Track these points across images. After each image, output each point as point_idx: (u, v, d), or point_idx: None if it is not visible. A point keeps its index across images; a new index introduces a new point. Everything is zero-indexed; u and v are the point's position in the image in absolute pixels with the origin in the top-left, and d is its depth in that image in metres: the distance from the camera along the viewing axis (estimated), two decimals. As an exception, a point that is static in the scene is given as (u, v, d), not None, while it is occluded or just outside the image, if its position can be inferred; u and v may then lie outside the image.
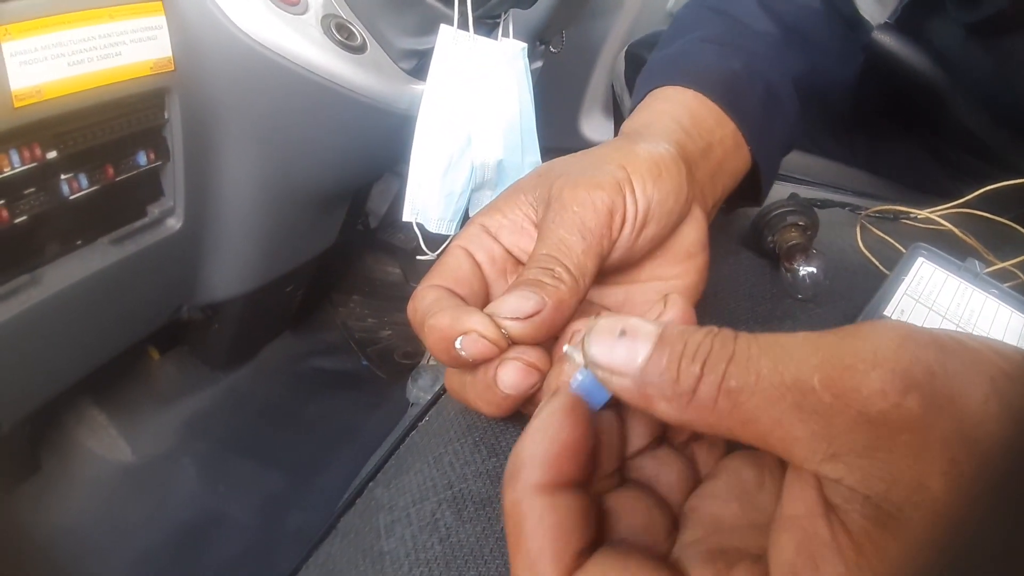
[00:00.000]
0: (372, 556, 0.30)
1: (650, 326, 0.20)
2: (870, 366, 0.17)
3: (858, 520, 0.17)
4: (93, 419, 1.00)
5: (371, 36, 0.77)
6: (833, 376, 0.17)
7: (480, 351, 0.25)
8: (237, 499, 1.00)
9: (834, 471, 0.17)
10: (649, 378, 0.19)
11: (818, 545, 0.17)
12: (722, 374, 0.18)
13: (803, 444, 0.17)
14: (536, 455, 0.20)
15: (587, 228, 0.28)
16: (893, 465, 0.16)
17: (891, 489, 0.16)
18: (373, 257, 1.46)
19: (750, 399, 0.18)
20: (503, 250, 0.31)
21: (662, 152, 0.31)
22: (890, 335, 0.18)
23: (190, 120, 0.71)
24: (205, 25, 0.67)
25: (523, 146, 0.79)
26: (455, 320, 0.26)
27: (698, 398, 0.18)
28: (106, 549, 0.90)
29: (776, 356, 0.18)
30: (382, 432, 1.07)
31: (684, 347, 0.19)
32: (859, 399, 0.17)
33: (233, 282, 0.95)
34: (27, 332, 0.66)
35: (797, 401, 0.17)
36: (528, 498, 0.19)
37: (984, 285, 0.48)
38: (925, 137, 0.78)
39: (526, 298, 0.26)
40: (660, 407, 0.19)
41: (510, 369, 0.25)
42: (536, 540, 0.19)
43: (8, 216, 0.59)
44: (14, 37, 0.53)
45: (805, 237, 0.51)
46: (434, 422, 0.38)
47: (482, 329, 0.25)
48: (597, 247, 0.28)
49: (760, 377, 0.18)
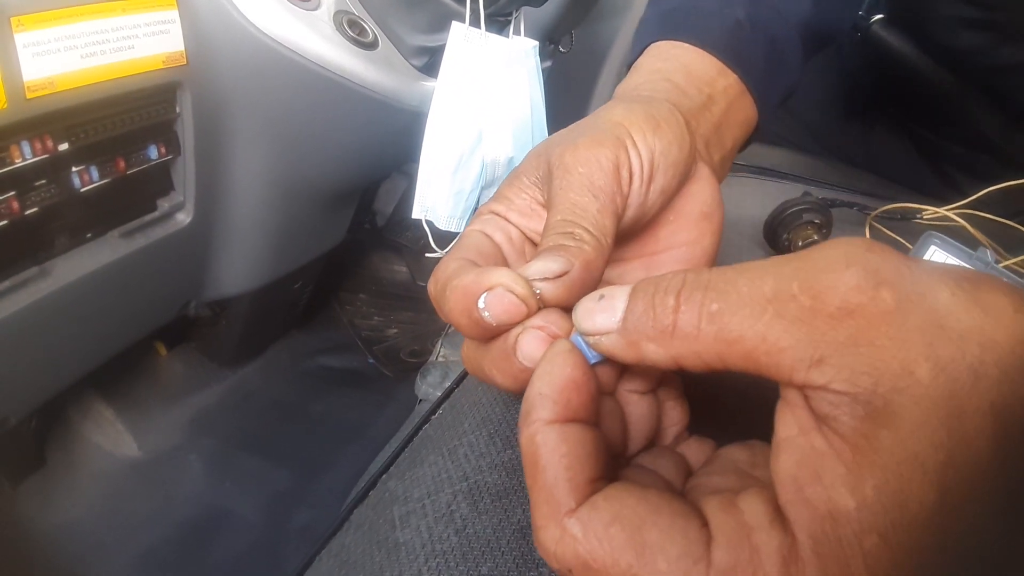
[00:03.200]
0: (387, 547, 0.29)
1: (624, 287, 0.21)
2: (843, 265, 0.18)
3: (849, 422, 0.17)
4: (100, 414, 1.00)
5: (383, 32, 0.77)
6: (810, 280, 0.18)
7: (506, 309, 0.24)
8: (243, 496, 1.00)
9: (822, 375, 0.17)
10: (629, 325, 0.20)
11: (816, 456, 0.18)
12: (700, 300, 0.19)
13: (790, 353, 0.18)
14: (545, 392, 0.21)
15: (597, 187, 0.27)
16: (877, 357, 0.17)
17: (878, 381, 0.17)
18: (380, 256, 1.46)
19: (732, 317, 0.18)
20: (519, 232, 0.30)
21: (656, 106, 0.30)
22: (857, 243, 0.19)
23: (201, 114, 0.71)
24: (217, 20, 0.67)
25: (534, 144, 0.79)
26: (480, 276, 0.24)
27: (680, 328, 0.19)
28: (111, 545, 0.90)
29: (752, 274, 0.19)
30: (388, 430, 1.07)
31: (655, 287, 0.20)
32: (837, 296, 0.18)
33: (241, 278, 0.95)
34: (35, 325, 0.66)
35: (779, 310, 0.18)
36: (542, 431, 0.20)
37: (996, 274, 0.48)
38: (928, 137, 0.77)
39: (553, 260, 0.24)
40: (648, 349, 0.20)
41: (531, 338, 0.24)
42: (551, 469, 0.20)
43: (19, 208, 0.59)
44: (27, 28, 0.53)
45: (821, 235, 0.51)
46: (447, 415, 0.37)
47: (509, 282, 0.23)
48: (611, 205, 0.27)
49: (740, 294, 0.19)
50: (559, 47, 1.09)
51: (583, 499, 0.19)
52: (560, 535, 0.19)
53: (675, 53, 0.38)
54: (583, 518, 0.19)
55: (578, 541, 0.19)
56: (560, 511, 0.19)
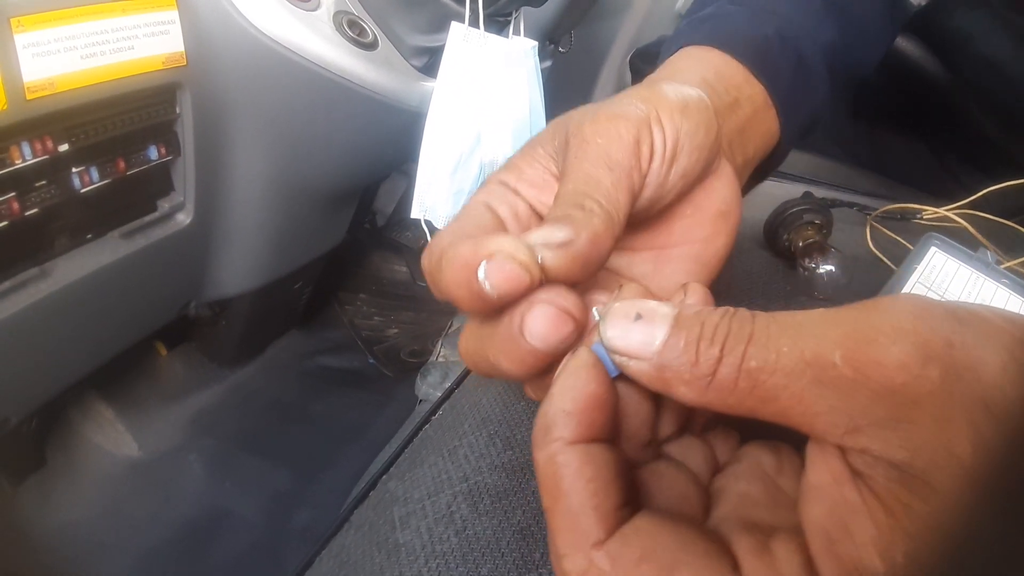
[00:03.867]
0: (387, 548, 0.29)
1: (666, 308, 0.20)
2: (890, 340, 0.17)
3: (885, 484, 0.17)
4: (100, 414, 1.00)
5: (383, 33, 0.77)
6: (854, 350, 0.17)
7: (508, 278, 0.21)
8: (243, 496, 1.00)
9: (856, 443, 0.17)
10: (667, 362, 0.19)
11: (848, 510, 0.17)
12: (742, 355, 0.18)
13: (824, 418, 0.17)
14: (566, 409, 0.20)
15: (614, 160, 0.25)
16: (916, 434, 0.17)
17: (915, 456, 0.17)
18: (380, 256, 1.46)
19: (770, 378, 0.18)
20: (527, 206, 0.28)
21: (687, 90, 0.29)
22: (907, 308, 0.18)
23: (201, 115, 0.71)
24: (217, 20, 0.67)
25: (533, 144, 0.79)
26: (478, 244, 0.22)
27: (718, 380, 0.18)
28: (112, 545, 0.90)
29: (795, 333, 0.18)
30: (389, 430, 1.07)
31: (701, 329, 0.19)
32: (880, 372, 0.17)
33: (241, 278, 0.95)
34: (35, 325, 0.66)
35: (818, 376, 0.17)
36: (563, 452, 0.19)
37: (996, 275, 0.48)
38: (930, 139, 0.77)
39: (558, 229, 0.22)
40: (680, 391, 0.19)
41: (540, 314, 0.22)
42: (576, 494, 0.19)
43: (19, 208, 0.59)
44: (27, 29, 0.53)
45: (821, 235, 0.50)
46: (447, 416, 0.37)
47: (511, 249, 0.21)
48: (627, 180, 0.25)
49: (780, 355, 0.18)
50: (558, 47, 1.09)
51: (611, 529, 0.19)
52: (586, 567, 0.18)
53: (705, 56, 0.37)
54: (612, 553, 0.18)
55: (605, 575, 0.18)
56: (587, 541, 0.18)
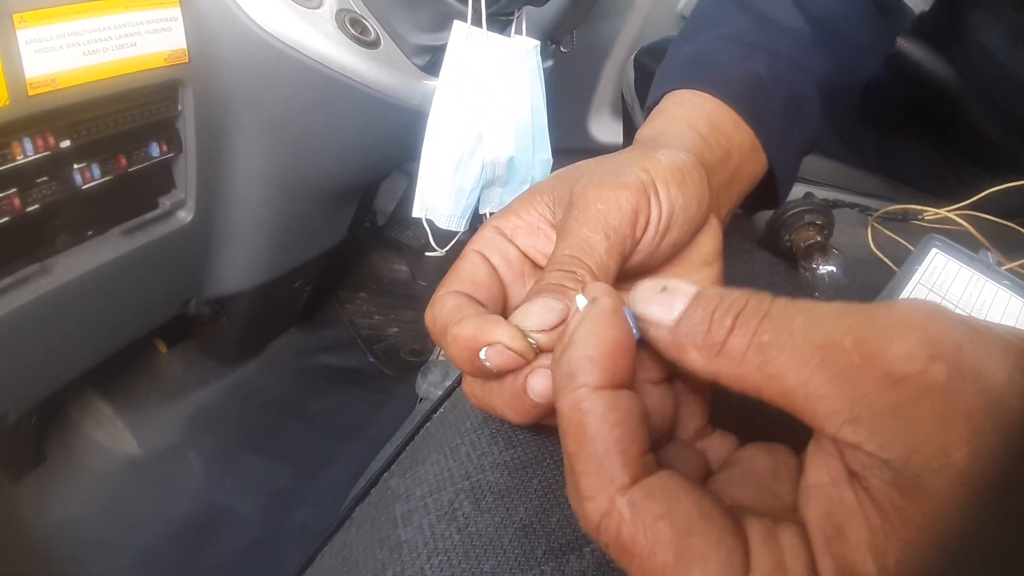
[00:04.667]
0: (389, 545, 0.29)
1: (689, 285, 0.21)
2: (901, 331, 0.17)
3: (880, 486, 0.17)
4: (99, 411, 1.00)
5: (385, 31, 0.77)
6: (864, 337, 0.18)
7: (506, 363, 0.24)
8: (243, 493, 1.00)
9: (854, 434, 0.17)
10: (683, 328, 0.20)
11: (843, 511, 0.18)
12: (755, 328, 0.19)
13: (827, 403, 0.18)
14: (591, 355, 0.20)
15: (611, 227, 0.27)
16: (915, 431, 0.17)
17: (912, 455, 0.17)
18: (380, 255, 1.46)
19: (780, 354, 0.18)
20: (519, 253, 0.30)
21: (684, 159, 0.30)
22: (921, 309, 0.18)
23: (203, 112, 0.71)
24: (220, 18, 0.67)
25: (534, 144, 0.79)
26: (480, 331, 0.25)
27: (728, 349, 0.19)
28: (111, 542, 0.90)
29: (811, 316, 0.19)
30: (388, 428, 1.07)
31: (719, 302, 0.20)
32: (887, 361, 0.17)
33: (242, 276, 0.95)
34: (36, 321, 0.66)
35: (826, 359, 0.18)
36: (589, 398, 0.20)
37: (997, 277, 0.48)
38: (934, 139, 0.78)
39: (550, 309, 0.25)
40: (691, 356, 0.20)
41: (541, 378, 0.24)
42: (602, 439, 0.19)
43: (20, 204, 0.59)
44: (30, 25, 0.53)
45: (823, 236, 0.51)
46: (449, 413, 0.37)
47: (508, 341, 0.24)
48: (620, 247, 0.27)
49: (793, 334, 0.18)
50: (560, 47, 1.09)
51: (636, 474, 0.19)
52: (608, 509, 0.19)
53: (697, 102, 0.38)
54: (635, 502, 0.19)
55: (624, 522, 0.19)
56: (612, 485, 0.19)
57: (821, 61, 0.44)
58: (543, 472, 0.30)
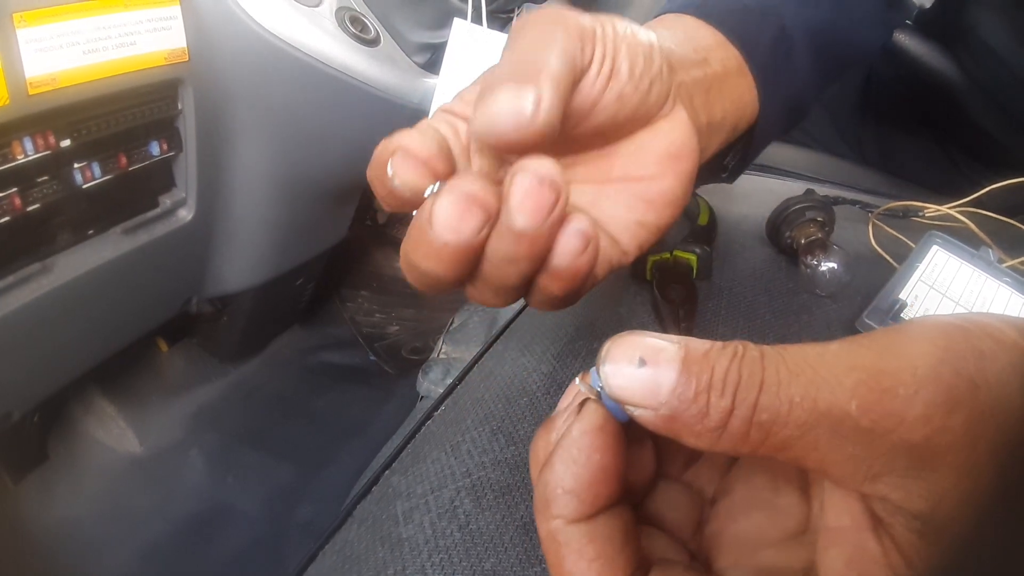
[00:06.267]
0: (391, 542, 0.29)
1: (671, 348, 0.18)
2: (912, 390, 0.16)
3: (905, 535, 0.16)
4: (102, 410, 1.00)
5: (385, 29, 0.77)
6: (871, 400, 0.16)
7: (407, 171, 0.21)
8: (245, 491, 1.00)
9: (875, 491, 0.17)
10: (676, 412, 0.18)
11: (868, 560, 0.17)
12: (753, 406, 0.17)
13: (841, 467, 0.17)
14: (568, 484, 0.18)
15: (559, 46, 0.23)
16: (938, 484, 0.16)
17: (937, 507, 0.16)
18: (381, 253, 1.46)
19: (783, 430, 0.17)
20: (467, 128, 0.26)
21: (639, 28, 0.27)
22: (927, 349, 0.17)
23: (203, 111, 0.71)
24: (220, 16, 0.67)
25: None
26: (390, 141, 0.21)
27: (729, 432, 0.17)
28: (114, 540, 0.90)
29: (807, 380, 0.17)
30: (390, 426, 1.07)
31: (711, 377, 0.17)
32: (901, 426, 0.16)
33: (243, 274, 0.95)
34: (37, 321, 0.66)
35: (833, 427, 0.16)
36: (563, 531, 0.18)
37: (998, 273, 0.48)
38: (937, 135, 0.77)
39: (515, 96, 0.21)
40: (690, 440, 0.18)
41: (445, 203, 0.20)
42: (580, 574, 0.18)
43: (21, 204, 0.59)
44: (30, 24, 0.53)
45: (823, 233, 0.51)
46: (450, 412, 0.37)
47: (412, 143, 0.21)
48: (571, 61, 0.23)
49: (792, 405, 0.17)
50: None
51: None
52: None
53: (676, 22, 0.35)
54: None
55: None
56: None
57: (818, 14, 0.41)
58: (544, 470, 0.30)
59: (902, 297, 0.46)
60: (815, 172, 0.75)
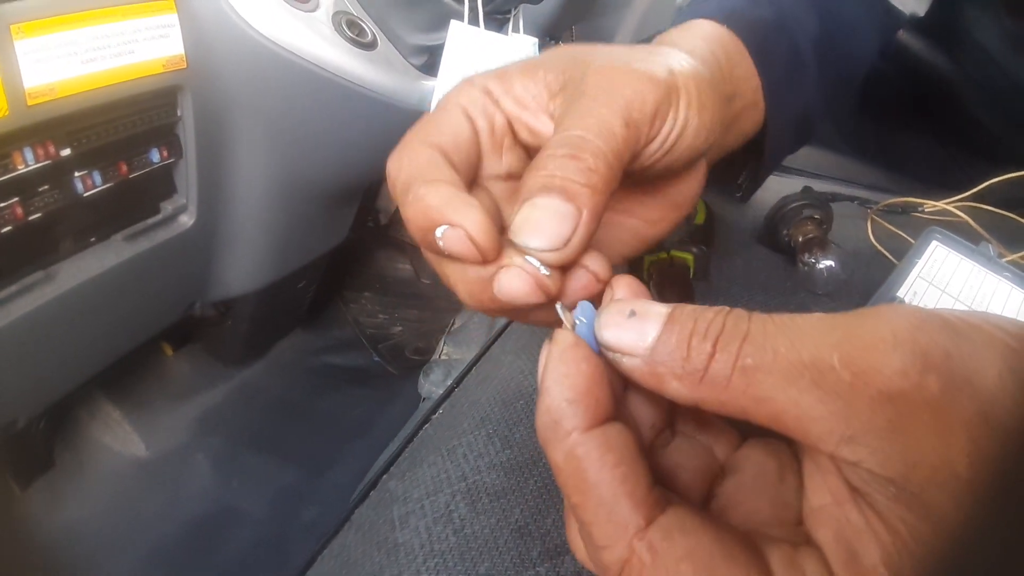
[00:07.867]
0: (387, 547, 0.30)
1: (660, 307, 0.20)
2: (890, 346, 0.17)
3: (885, 503, 0.17)
4: (107, 415, 1.01)
5: (382, 32, 0.77)
6: (853, 355, 0.17)
7: (462, 253, 0.21)
8: (250, 493, 1.01)
9: (852, 453, 0.17)
10: (659, 357, 0.19)
11: (853, 533, 0.17)
12: (736, 352, 0.18)
13: (820, 424, 0.17)
14: (570, 397, 0.19)
15: (632, 117, 0.23)
16: (913, 446, 0.16)
17: (912, 471, 0.16)
18: (384, 254, 1.46)
19: (767, 377, 0.17)
20: (505, 121, 0.26)
21: (706, 75, 0.27)
22: (905, 318, 0.18)
23: (202, 117, 0.71)
24: (217, 23, 0.67)
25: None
26: (447, 205, 0.21)
27: (711, 376, 0.18)
28: (120, 543, 0.91)
29: (793, 334, 0.18)
30: (393, 427, 1.07)
31: (695, 325, 0.19)
32: (880, 378, 0.17)
33: (246, 278, 0.95)
34: (41, 328, 0.66)
35: (815, 379, 0.17)
36: (582, 442, 0.18)
37: (997, 268, 0.48)
38: (936, 131, 0.77)
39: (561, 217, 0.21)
40: (671, 386, 0.19)
41: (515, 277, 0.21)
42: (606, 484, 0.18)
43: (23, 213, 0.59)
44: (27, 35, 0.53)
45: (821, 231, 0.51)
46: (447, 415, 0.38)
47: (473, 230, 0.21)
48: (634, 143, 0.23)
49: (777, 355, 0.17)
50: (559, 44, 1.09)
51: (649, 514, 0.18)
52: (627, 556, 0.18)
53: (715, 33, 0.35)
54: (654, 546, 0.18)
55: (646, 568, 0.18)
56: (627, 531, 0.18)
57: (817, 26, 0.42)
58: (539, 474, 0.30)
59: (901, 294, 0.46)
60: (814, 168, 0.75)
